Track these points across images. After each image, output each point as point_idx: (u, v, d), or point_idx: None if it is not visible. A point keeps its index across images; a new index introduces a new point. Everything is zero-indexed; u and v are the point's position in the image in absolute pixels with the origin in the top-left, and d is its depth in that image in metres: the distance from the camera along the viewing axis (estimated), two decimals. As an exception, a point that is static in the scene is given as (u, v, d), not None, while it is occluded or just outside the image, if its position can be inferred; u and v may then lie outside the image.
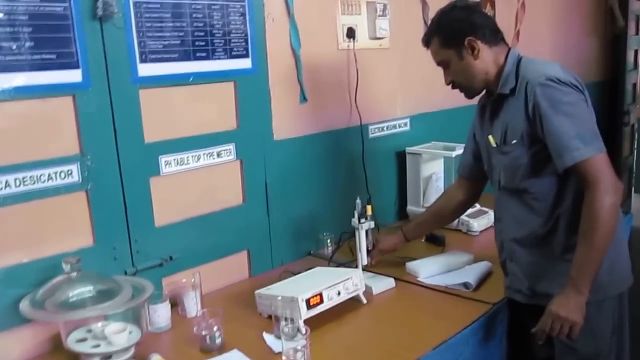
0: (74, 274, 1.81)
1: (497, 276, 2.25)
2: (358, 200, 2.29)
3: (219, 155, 2.29)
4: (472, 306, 2.10)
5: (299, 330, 1.92)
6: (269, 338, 1.94)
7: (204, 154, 2.24)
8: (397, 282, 2.30)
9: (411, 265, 2.38)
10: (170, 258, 2.17)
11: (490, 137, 2.00)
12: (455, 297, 2.18)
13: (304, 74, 2.55)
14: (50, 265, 1.88)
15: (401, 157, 3.04)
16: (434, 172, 2.99)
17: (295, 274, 2.34)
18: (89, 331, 1.84)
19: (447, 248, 2.62)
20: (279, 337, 1.91)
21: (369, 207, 2.29)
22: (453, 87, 2.01)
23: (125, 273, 2.06)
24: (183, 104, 2.19)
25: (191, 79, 2.17)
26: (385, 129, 2.98)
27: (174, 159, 2.16)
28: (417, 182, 2.96)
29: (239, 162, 2.37)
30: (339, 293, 2.06)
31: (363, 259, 2.31)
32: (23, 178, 1.82)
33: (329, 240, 2.64)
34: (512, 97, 1.90)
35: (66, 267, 1.80)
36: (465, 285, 2.21)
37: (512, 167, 1.94)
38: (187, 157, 2.20)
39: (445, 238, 2.67)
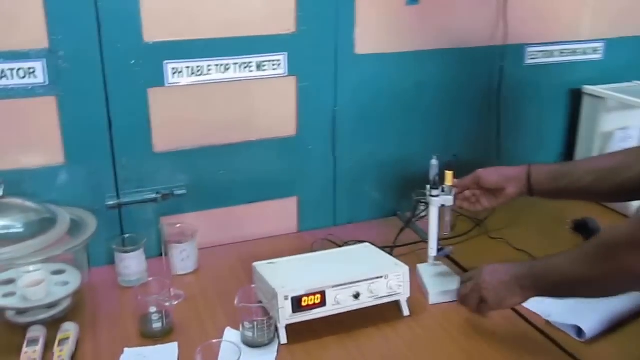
0: (-7, 202, 1.41)
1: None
2: (434, 161, 1.52)
3: (260, 67, 1.66)
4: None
5: (276, 336, 1.35)
6: (230, 335, 1.38)
7: (235, 64, 1.63)
8: (477, 291, 1.53)
9: (513, 269, 1.57)
10: (172, 193, 1.67)
11: None
12: (552, 348, 1.34)
13: (419, -39, 1.75)
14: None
15: (578, 97, 2.08)
16: (621, 127, 1.98)
17: (339, 246, 1.70)
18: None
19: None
20: (245, 338, 1.35)
21: (448, 174, 1.51)
22: None
23: (106, 205, 1.63)
24: (208, -7, 1.59)
25: (223, -43, 1.56)
26: (557, 54, 2.02)
27: (187, 67, 1.60)
28: (591, 138, 2.00)
29: (294, 79, 1.72)
30: (356, 296, 1.39)
31: (432, 247, 1.58)
32: (-37, 73, 1.44)
33: (429, 187, 1.87)
34: None
35: (-17, 192, 1.40)
36: (579, 331, 1.36)
37: None
38: (209, 65, 1.61)
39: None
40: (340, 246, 1.70)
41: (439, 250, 1.64)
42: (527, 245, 1.68)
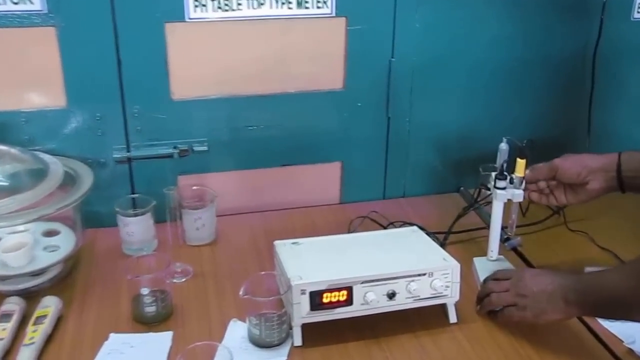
0: (-30, 149, 1.20)
1: None
2: (503, 145, 1.21)
3: (301, 3, 1.37)
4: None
5: (290, 336, 1.10)
6: (235, 329, 1.14)
7: (270, -1, 1.37)
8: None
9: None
10: (191, 149, 1.43)
11: None
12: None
13: None
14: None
15: None
16: None
17: (383, 227, 1.42)
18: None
19: None
20: (251, 335, 1.10)
21: (520, 163, 1.19)
22: None
23: (113, 158, 1.40)
24: None
25: None
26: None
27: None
28: None
29: (343, 21, 1.42)
30: (391, 296, 1.12)
31: (493, 250, 1.28)
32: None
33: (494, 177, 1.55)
34: None
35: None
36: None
37: None
38: (238, -1, 1.36)
39: None
40: (384, 227, 1.43)
41: (504, 240, 1.34)
42: (615, 244, 1.36)
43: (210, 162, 1.47)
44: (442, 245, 1.38)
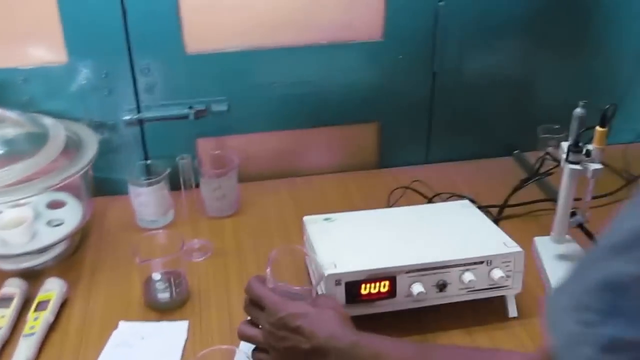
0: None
1: None
2: (579, 110, 0.98)
3: (336, -61, 1.18)
4: None
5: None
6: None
7: None
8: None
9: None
10: (209, 110, 1.26)
11: None
12: None
13: None
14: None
15: None
16: None
17: (428, 199, 1.24)
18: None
19: None
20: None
21: (600, 132, 0.98)
22: None
23: (123, 120, 1.24)
24: None
25: None
26: None
27: None
28: None
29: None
30: (442, 287, 0.96)
31: (560, 229, 1.09)
32: None
33: (553, 141, 1.33)
34: None
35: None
36: None
37: None
38: None
39: None
40: (429, 200, 1.25)
41: (570, 214, 1.16)
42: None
43: (231, 123, 1.29)
44: (496, 221, 1.21)
